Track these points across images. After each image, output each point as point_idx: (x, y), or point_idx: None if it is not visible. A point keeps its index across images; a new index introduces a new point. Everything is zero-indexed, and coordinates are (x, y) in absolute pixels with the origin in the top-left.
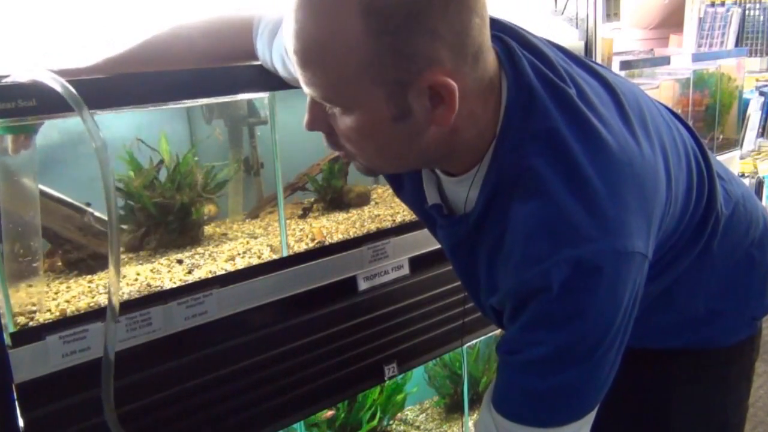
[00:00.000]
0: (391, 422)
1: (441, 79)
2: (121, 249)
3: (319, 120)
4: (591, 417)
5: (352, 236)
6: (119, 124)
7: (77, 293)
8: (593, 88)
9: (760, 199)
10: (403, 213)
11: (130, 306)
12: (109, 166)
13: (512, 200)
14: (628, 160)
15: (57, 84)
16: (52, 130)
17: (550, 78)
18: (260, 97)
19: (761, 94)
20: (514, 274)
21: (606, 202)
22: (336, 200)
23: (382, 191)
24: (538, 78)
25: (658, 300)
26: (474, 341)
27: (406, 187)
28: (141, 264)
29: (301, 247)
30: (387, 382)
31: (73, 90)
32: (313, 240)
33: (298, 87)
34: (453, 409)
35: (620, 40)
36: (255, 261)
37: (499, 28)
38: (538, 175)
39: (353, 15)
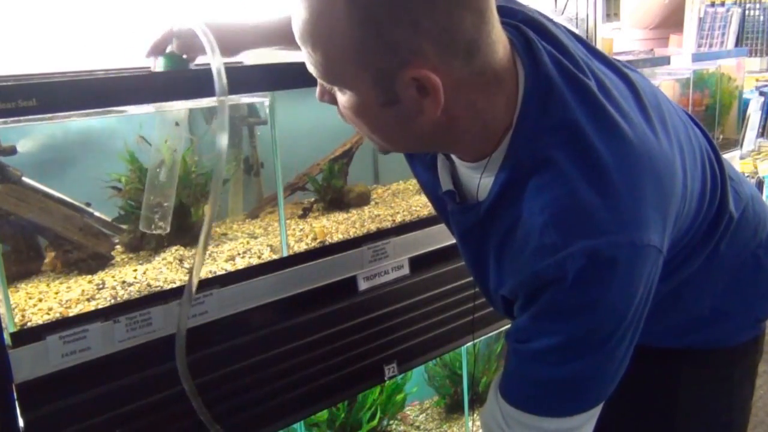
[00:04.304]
0: (391, 422)
1: (424, 73)
2: (121, 249)
3: (325, 94)
4: (597, 410)
5: (352, 236)
6: (119, 124)
7: (78, 293)
8: (613, 81)
9: None
10: (403, 213)
11: (130, 306)
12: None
13: (527, 191)
14: (647, 153)
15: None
16: (52, 129)
17: (570, 69)
18: (260, 100)
19: (761, 94)
20: (528, 265)
21: (623, 195)
22: (336, 200)
23: (382, 191)
24: (558, 69)
25: (665, 299)
26: (473, 341)
27: (421, 170)
28: (141, 264)
29: (301, 247)
30: (387, 382)
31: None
32: (315, 239)
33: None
34: (453, 409)
35: (620, 40)
36: (255, 261)
37: (521, 18)
38: (555, 166)
39: (338, 1)
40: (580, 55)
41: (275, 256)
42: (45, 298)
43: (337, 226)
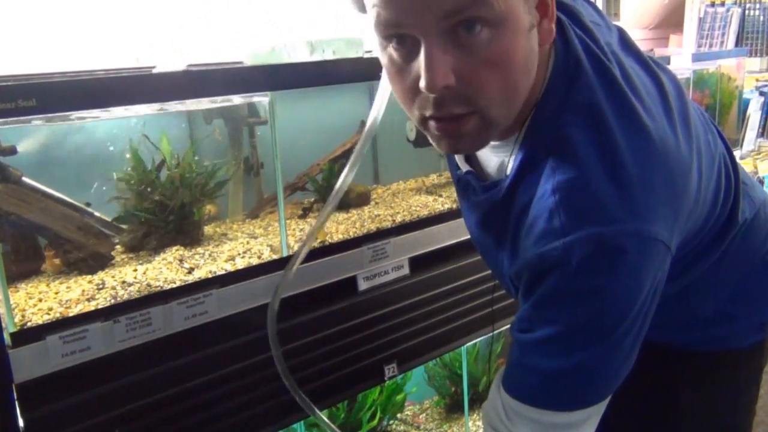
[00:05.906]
0: (391, 422)
1: None
2: (121, 249)
3: (448, 71)
4: (600, 408)
5: (352, 236)
6: (118, 124)
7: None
8: (641, 78)
9: None
10: (403, 213)
11: (130, 306)
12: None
13: (544, 169)
14: (664, 149)
15: None
16: (52, 130)
17: (598, 56)
18: (260, 100)
19: (761, 94)
20: (535, 245)
21: (636, 185)
22: None
23: (382, 191)
24: (587, 54)
25: (671, 299)
26: (475, 341)
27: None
28: (141, 264)
29: None
30: (387, 382)
31: None
32: (315, 239)
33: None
34: (453, 409)
35: None
36: (255, 261)
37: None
38: (573, 146)
39: None
40: (609, 45)
41: (275, 256)
42: (45, 298)
43: (337, 226)
